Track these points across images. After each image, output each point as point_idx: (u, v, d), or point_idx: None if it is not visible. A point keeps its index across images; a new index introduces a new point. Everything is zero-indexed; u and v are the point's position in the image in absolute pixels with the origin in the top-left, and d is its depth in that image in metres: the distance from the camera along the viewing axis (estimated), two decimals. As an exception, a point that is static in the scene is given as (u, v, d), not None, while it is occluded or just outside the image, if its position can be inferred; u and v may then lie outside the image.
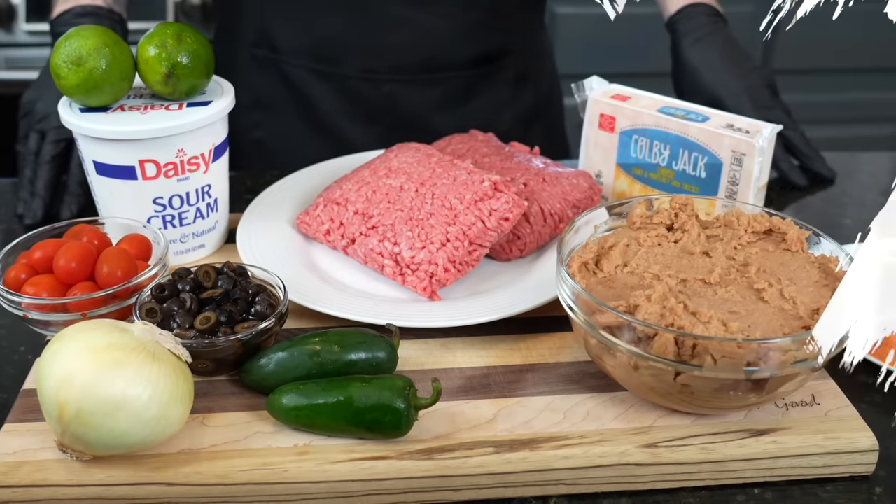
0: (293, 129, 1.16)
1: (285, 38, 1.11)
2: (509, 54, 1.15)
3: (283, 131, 1.17)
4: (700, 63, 1.06)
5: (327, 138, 1.15)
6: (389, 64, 1.10)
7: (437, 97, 1.13)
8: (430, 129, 1.12)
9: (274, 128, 1.17)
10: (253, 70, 1.15)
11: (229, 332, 0.66)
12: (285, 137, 1.17)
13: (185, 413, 0.61)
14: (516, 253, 0.83)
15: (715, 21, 1.08)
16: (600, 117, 0.91)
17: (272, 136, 1.17)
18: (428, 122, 1.13)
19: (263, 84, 1.15)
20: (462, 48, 1.11)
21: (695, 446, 0.63)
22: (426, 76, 1.11)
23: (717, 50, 1.06)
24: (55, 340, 0.59)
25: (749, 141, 0.82)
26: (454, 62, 1.12)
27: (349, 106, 1.13)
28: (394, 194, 0.81)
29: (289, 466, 0.61)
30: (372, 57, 1.09)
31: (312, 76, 1.12)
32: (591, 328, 0.63)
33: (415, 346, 0.73)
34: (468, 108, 1.15)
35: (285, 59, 1.12)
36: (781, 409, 0.67)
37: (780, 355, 0.59)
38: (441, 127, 1.10)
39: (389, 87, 1.11)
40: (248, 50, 1.14)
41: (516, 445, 0.63)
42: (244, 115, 1.17)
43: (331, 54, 1.10)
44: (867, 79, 2.27)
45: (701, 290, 0.66)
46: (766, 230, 0.73)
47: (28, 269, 0.72)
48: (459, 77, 1.13)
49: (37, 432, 0.64)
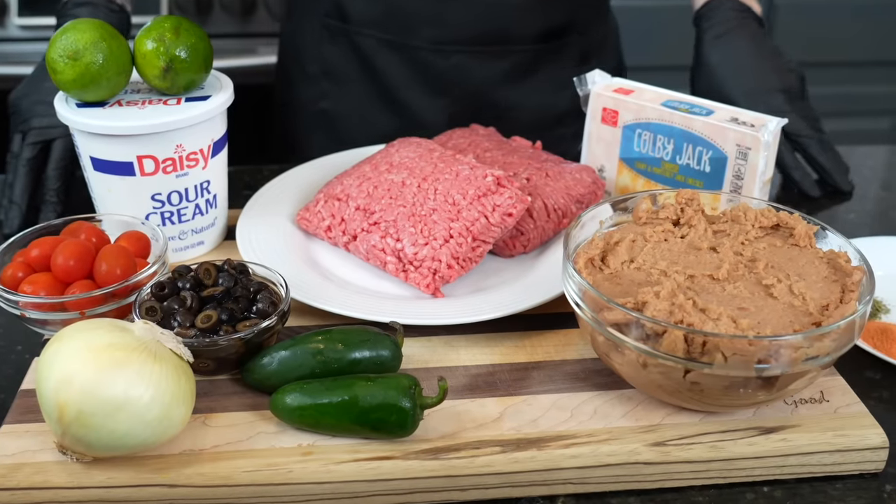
0: (360, 100, 1.17)
1: (357, 8, 1.11)
2: (574, 32, 1.15)
3: (350, 102, 1.17)
4: (718, 61, 1.02)
5: (394, 110, 1.16)
6: (458, 35, 1.10)
7: (503, 71, 1.13)
8: (494, 102, 1.13)
9: (341, 98, 1.18)
10: (324, 40, 1.15)
11: (231, 330, 0.65)
12: (352, 108, 1.17)
13: (187, 413, 0.60)
14: (520, 249, 0.82)
15: (742, 16, 1.04)
16: (603, 111, 0.90)
17: (339, 106, 1.18)
18: (493, 95, 1.14)
19: (333, 54, 1.16)
20: (529, 21, 1.11)
21: (704, 444, 0.63)
22: (493, 48, 1.11)
23: (738, 48, 1.02)
24: (55, 340, 0.58)
25: (754, 135, 0.81)
26: (521, 36, 1.11)
27: (417, 77, 1.13)
28: (396, 190, 0.80)
29: (293, 467, 0.60)
30: (441, 28, 1.09)
31: (382, 46, 1.12)
32: (599, 325, 0.62)
33: (418, 343, 0.72)
34: (532, 84, 1.15)
35: (356, 29, 1.13)
36: (790, 406, 0.66)
37: (791, 352, 0.58)
38: (505, 101, 1.13)
39: (457, 59, 1.11)
40: (320, 20, 1.15)
41: (523, 444, 0.62)
42: (312, 86, 1.18)
43: (401, 25, 1.10)
44: (865, 72, 2.27)
45: (709, 287, 0.65)
46: (773, 225, 0.72)
47: (25, 267, 0.70)
48: (525, 51, 1.13)
49: (36, 433, 0.63)
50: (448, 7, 1.08)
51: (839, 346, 0.60)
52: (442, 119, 1.14)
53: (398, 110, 1.15)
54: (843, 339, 0.60)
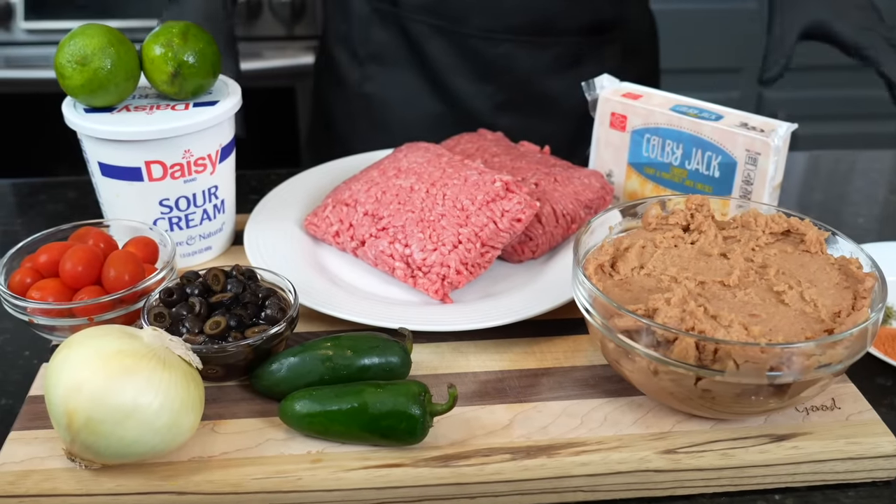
0: (407, 84, 1.17)
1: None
2: (619, 27, 1.16)
3: (397, 86, 1.18)
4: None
5: (439, 96, 1.16)
6: (507, 23, 1.11)
7: (548, 60, 1.14)
8: (540, 91, 1.14)
9: (388, 83, 1.18)
10: (373, 23, 1.16)
11: (239, 336, 0.65)
12: (399, 93, 1.18)
13: (196, 420, 0.60)
14: (528, 254, 0.82)
15: None
16: (611, 116, 0.89)
17: (386, 91, 1.18)
18: (538, 84, 1.15)
19: (382, 38, 1.16)
20: (576, 13, 1.12)
21: (715, 452, 0.62)
22: (541, 38, 1.12)
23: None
24: (63, 347, 0.58)
25: (764, 140, 0.80)
26: (567, 27, 1.12)
27: (466, 64, 1.14)
28: (404, 195, 0.80)
29: (302, 474, 0.60)
30: (491, 16, 1.10)
31: (432, 32, 1.13)
32: (609, 332, 0.62)
33: (427, 349, 0.72)
34: (576, 75, 1.15)
35: (406, 13, 1.13)
36: (802, 413, 0.66)
37: (803, 360, 0.58)
38: (550, 91, 1.14)
39: (505, 48, 1.12)
40: (371, 3, 1.15)
41: (533, 452, 0.62)
42: (358, 70, 1.18)
43: (452, 12, 1.11)
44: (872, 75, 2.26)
45: (720, 293, 0.65)
46: (784, 231, 0.71)
47: (33, 272, 0.70)
48: (571, 42, 1.14)
49: (44, 440, 0.62)
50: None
51: (852, 354, 0.60)
52: (488, 106, 1.15)
53: (445, 96, 1.16)
54: (855, 347, 0.60)
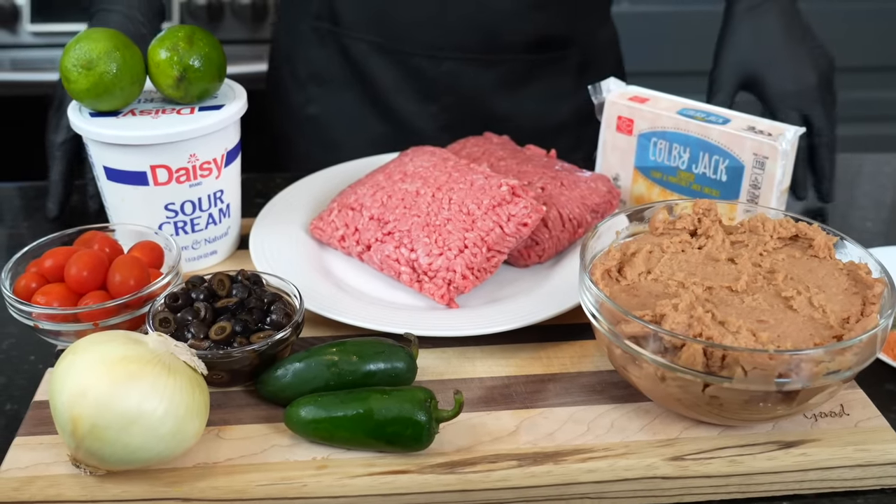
0: (350, 105, 1.15)
1: (348, 11, 1.10)
2: (572, 43, 1.13)
3: (339, 107, 1.16)
4: (749, 38, 0.95)
5: (384, 115, 1.14)
6: (450, 41, 1.08)
7: (496, 79, 1.11)
8: (487, 110, 1.11)
9: (330, 103, 1.16)
10: (313, 43, 1.13)
11: (245, 342, 0.65)
12: (341, 113, 1.16)
13: (201, 426, 0.59)
14: (535, 259, 0.81)
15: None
16: (618, 119, 0.89)
17: (327, 111, 1.16)
18: (485, 103, 1.12)
19: (323, 58, 1.14)
20: (524, 29, 1.08)
21: (723, 459, 0.62)
22: (486, 56, 1.09)
23: (771, 23, 0.95)
24: (68, 352, 0.58)
25: (772, 144, 0.80)
26: (515, 44, 1.09)
27: (408, 83, 1.12)
28: (410, 199, 0.79)
29: (307, 481, 0.60)
30: (434, 33, 1.08)
31: (373, 51, 1.11)
32: (616, 338, 0.62)
33: (433, 355, 0.72)
34: (526, 94, 1.13)
35: (347, 32, 1.11)
36: (810, 420, 0.65)
37: (812, 366, 0.57)
38: (499, 109, 1.10)
39: (448, 66, 1.09)
40: (310, 23, 1.13)
41: (540, 458, 0.62)
42: (300, 90, 1.16)
43: (393, 29, 1.08)
44: (879, 77, 2.26)
45: (727, 299, 0.64)
46: (792, 236, 0.71)
47: (39, 277, 0.70)
48: (519, 60, 1.11)
49: (49, 445, 0.62)
50: (440, 12, 1.06)
51: (861, 360, 0.59)
52: (433, 126, 1.12)
53: (388, 116, 1.14)
54: (864, 353, 0.59)
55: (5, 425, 0.67)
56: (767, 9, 0.96)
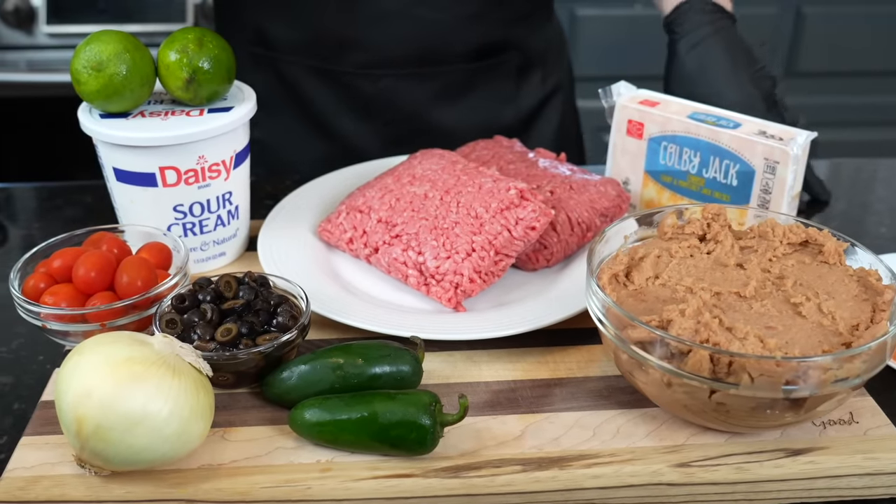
0: (291, 128, 1.14)
1: (280, 34, 1.09)
2: (511, 47, 1.11)
3: (282, 130, 1.14)
4: (694, 70, 0.95)
5: (325, 136, 1.13)
6: (385, 58, 1.07)
7: (435, 91, 1.10)
8: (428, 124, 1.09)
9: (272, 127, 1.14)
10: (250, 68, 1.12)
11: (251, 344, 0.65)
12: (284, 136, 1.14)
13: (205, 428, 0.59)
14: (543, 262, 0.81)
15: (717, 20, 0.96)
16: (628, 123, 0.89)
17: (271, 135, 1.15)
18: (426, 116, 1.10)
19: (261, 82, 1.10)
20: (460, 41, 1.07)
21: (729, 466, 0.61)
22: (423, 70, 1.08)
23: (715, 55, 0.95)
24: (74, 353, 0.58)
25: (783, 148, 0.79)
26: (452, 55, 1.08)
27: (346, 102, 1.11)
28: (418, 202, 0.79)
29: (311, 483, 0.60)
30: (367, 51, 1.06)
31: (308, 73, 1.10)
32: (623, 343, 0.61)
33: (439, 358, 0.72)
34: (468, 102, 1.12)
35: (281, 56, 1.10)
36: (818, 427, 0.65)
37: (820, 374, 0.57)
38: (439, 121, 1.08)
39: (386, 82, 1.08)
40: (246, 48, 1.11)
41: (545, 463, 0.61)
42: None
43: (326, 50, 1.07)
44: (893, 81, 2.24)
45: (736, 304, 0.64)
46: (801, 241, 0.70)
47: (47, 278, 0.70)
48: (458, 70, 1.09)
49: (55, 445, 0.62)
50: (372, 30, 1.05)
51: (870, 368, 0.59)
52: (375, 143, 1.11)
53: (331, 136, 1.12)
54: (874, 361, 0.59)
55: (12, 425, 0.67)
56: (711, 44, 0.96)
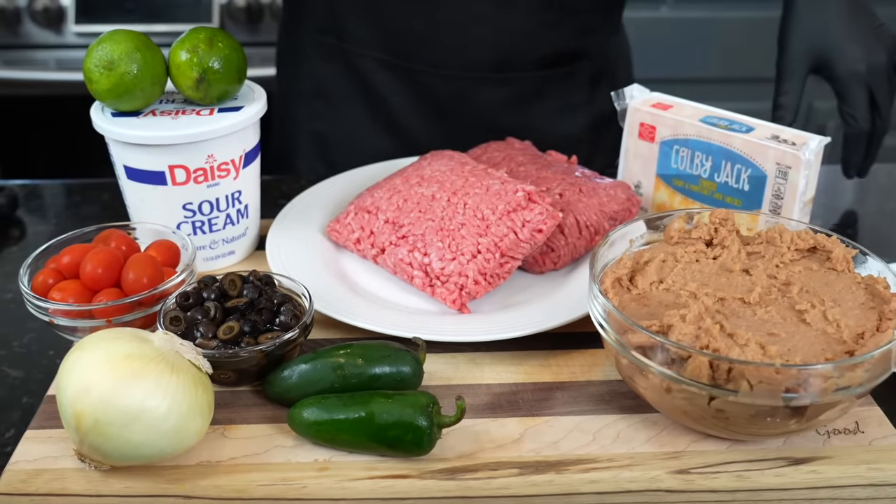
0: (356, 121, 1.13)
1: (354, 27, 1.07)
2: (585, 56, 1.11)
3: (345, 123, 1.13)
4: (813, 17, 0.92)
5: (391, 132, 1.12)
6: (458, 61, 1.06)
7: (507, 96, 1.09)
8: (498, 127, 1.09)
9: (335, 119, 1.13)
10: (318, 58, 1.11)
11: (252, 342, 0.65)
12: (346, 129, 1.13)
13: (203, 425, 0.60)
14: (550, 265, 0.81)
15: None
16: (640, 126, 0.88)
17: (332, 127, 1.14)
18: (495, 120, 1.10)
19: (327, 73, 1.11)
20: (537, 47, 1.07)
21: (729, 473, 0.61)
22: (498, 75, 1.07)
23: (834, 7, 0.93)
24: (75, 349, 0.59)
25: (795, 153, 0.78)
26: (528, 61, 1.07)
27: (417, 100, 1.09)
28: (425, 203, 0.79)
29: (308, 482, 0.60)
30: (444, 53, 1.06)
31: (380, 67, 1.08)
32: (623, 348, 0.61)
33: (442, 360, 0.72)
34: (539, 109, 1.11)
35: (353, 48, 1.09)
36: (822, 436, 0.64)
37: (821, 382, 0.56)
38: (508, 126, 1.07)
39: (460, 84, 1.07)
40: (314, 37, 1.11)
41: (542, 467, 0.61)
42: (304, 105, 1.14)
43: (402, 48, 1.06)
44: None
45: (739, 310, 0.63)
46: (810, 248, 0.69)
47: (56, 273, 0.71)
48: (532, 76, 1.09)
49: (58, 439, 0.63)
50: (453, 33, 1.04)
51: (873, 377, 0.58)
52: (441, 143, 1.08)
53: (395, 133, 1.11)
54: (877, 370, 0.58)
55: (20, 418, 0.68)
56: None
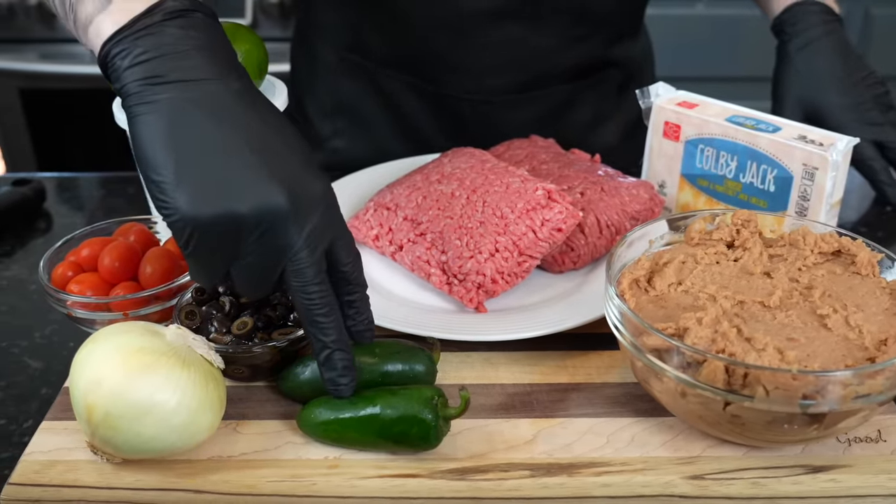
0: (379, 139, 1.10)
1: (378, 46, 1.05)
2: (612, 64, 1.09)
3: (368, 141, 1.11)
4: (805, 70, 0.96)
5: (414, 150, 1.08)
6: (489, 84, 1.04)
7: (536, 113, 1.07)
8: None
9: (357, 135, 1.11)
10: (341, 73, 1.08)
11: (266, 338, 0.65)
12: (369, 147, 1.10)
13: (214, 420, 0.60)
14: (569, 265, 0.80)
15: (828, 21, 0.97)
16: (665, 125, 0.87)
17: (353, 145, 1.11)
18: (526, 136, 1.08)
19: (351, 89, 1.09)
20: (561, 63, 1.04)
21: (745, 480, 0.60)
22: (525, 95, 1.05)
23: (827, 56, 0.96)
24: (89, 342, 0.59)
25: (822, 154, 0.77)
26: (553, 78, 1.05)
27: (442, 121, 1.07)
28: (444, 201, 0.79)
29: (317, 480, 0.60)
30: (470, 77, 1.03)
31: (405, 88, 1.06)
32: (638, 351, 0.60)
33: (457, 358, 0.71)
34: (569, 123, 1.09)
35: (379, 68, 1.06)
36: (843, 444, 0.62)
37: (839, 389, 0.54)
38: None
39: (488, 107, 1.05)
40: (338, 53, 1.08)
41: (554, 469, 0.60)
42: (325, 121, 1.11)
43: (424, 70, 1.04)
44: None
45: (758, 314, 0.62)
46: (834, 251, 0.68)
47: (75, 266, 0.72)
48: (559, 92, 1.07)
49: (72, 431, 0.64)
50: (479, 57, 1.01)
51: (895, 385, 0.56)
52: None
53: (419, 152, 1.07)
54: (899, 378, 0.56)
55: (39, 409, 0.69)
56: (822, 45, 0.96)
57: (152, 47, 0.56)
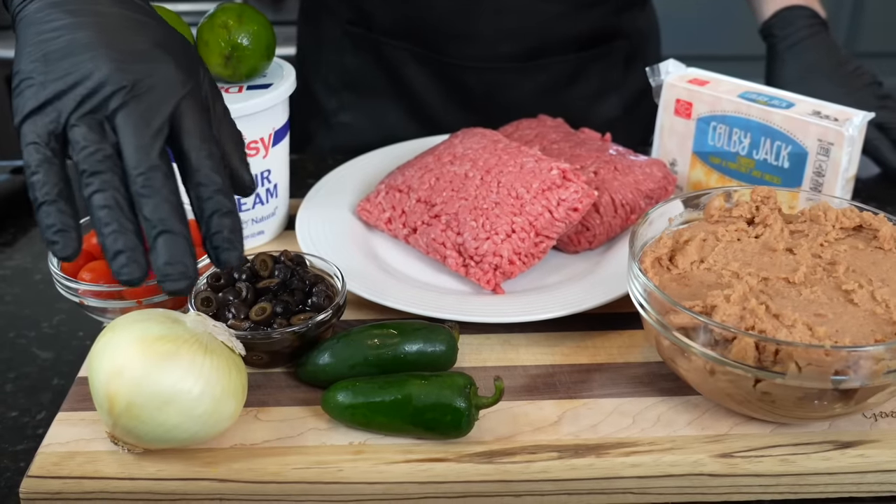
0: (385, 112, 1.10)
1: (382, 17, 1.05)
2: (619, 35, 1.08)
3: (375, 114, 1.11)
4: (797, 65, 0.98)
5: (421, 123, 1.09)
6: (495, 52, 1.04)
7: (542, 83, 1.07)
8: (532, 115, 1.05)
9: (365, 109, 1.11)
10: (346, 47, 1.09)
11: (285, 323, 0.64)
12: (376, 121, 1.11)
13: (237, 408, 0.59)
14: (585, 245, 0.79)
15: (814, 25, 0.99)
16: (676, 103, 0.86)
17: (361, 119, 1.11)
18: (533, 109, 1.06)
19: (356, 64, 1.09)
20: (570, 31, 1.04)
21: (774, 457, 0.59)
22: (533, 62, 1.05)
23: (817, 51, 0.98)
24: (107, 330, 0.58)
25: (837, 129, 0.76)
26: (561, 46, 1.05)
27: (449, 93, 1.07)
28: (458, 182, 0.78)
29: (343, 466, 0.59)
30: (472, 44, 1.03)
31: (411, 58, 1.06)
32: (665, 329, 0.59)
33: (476, 340, 0.70)
34: (575, 93, 1.09)
35: (383, 38, 1.06)
36: (870, 419, 0.62)
37: (871, 364, 0.54)
38: (548, 113, 1.04)
39: (494, 75, 1.05)
40: (342, 27, 1.08)
41: (581, 451, 0.60)
42: (331, 96, 1.11)
43: (429, 38, 1.04)
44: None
45: (784, 290, 0.61)
46: (855, 226, 0.67)
47: (86, 254, 0.70)
48: (567, 61, 1.07)
49: (90, 422, 0.62)
50: (487, 24, 1.01)
51: (925, 359, 0.56)
52: None
53: (427, 125, 1.08)
54: (929, 352, 0.56)
55: (51, 400, 0.68)
56: (810, 44, 0.98)
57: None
